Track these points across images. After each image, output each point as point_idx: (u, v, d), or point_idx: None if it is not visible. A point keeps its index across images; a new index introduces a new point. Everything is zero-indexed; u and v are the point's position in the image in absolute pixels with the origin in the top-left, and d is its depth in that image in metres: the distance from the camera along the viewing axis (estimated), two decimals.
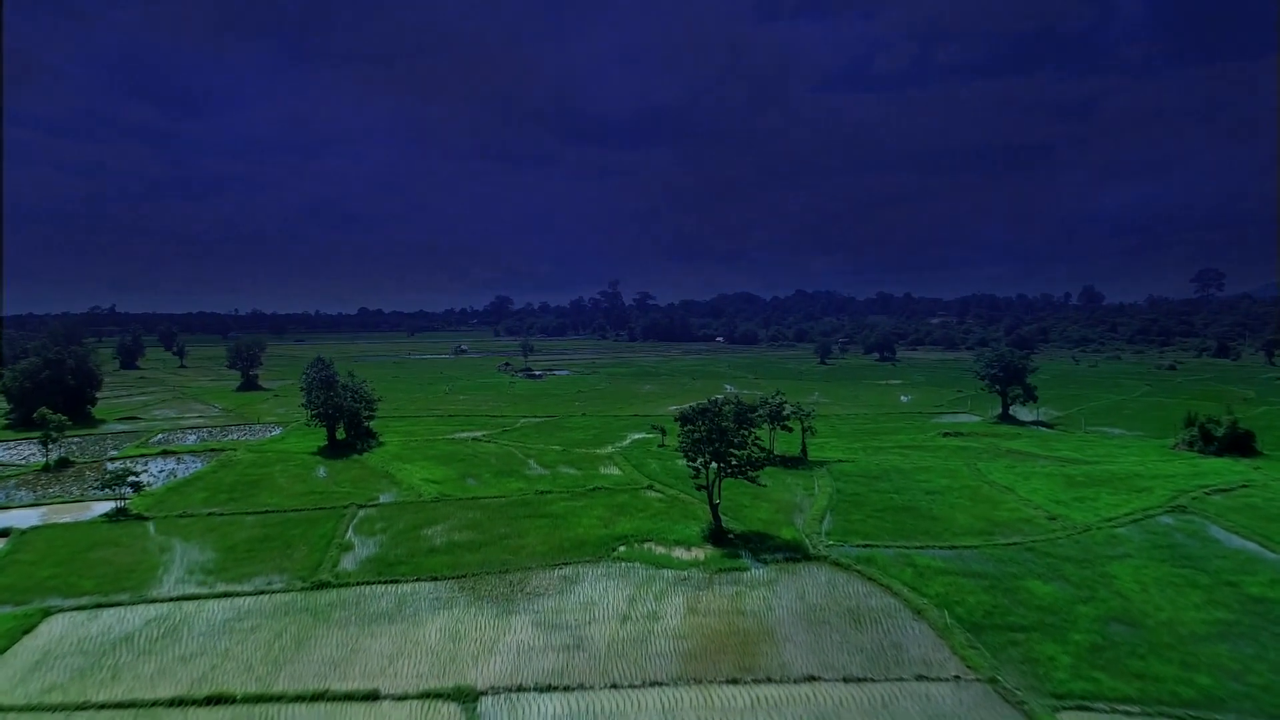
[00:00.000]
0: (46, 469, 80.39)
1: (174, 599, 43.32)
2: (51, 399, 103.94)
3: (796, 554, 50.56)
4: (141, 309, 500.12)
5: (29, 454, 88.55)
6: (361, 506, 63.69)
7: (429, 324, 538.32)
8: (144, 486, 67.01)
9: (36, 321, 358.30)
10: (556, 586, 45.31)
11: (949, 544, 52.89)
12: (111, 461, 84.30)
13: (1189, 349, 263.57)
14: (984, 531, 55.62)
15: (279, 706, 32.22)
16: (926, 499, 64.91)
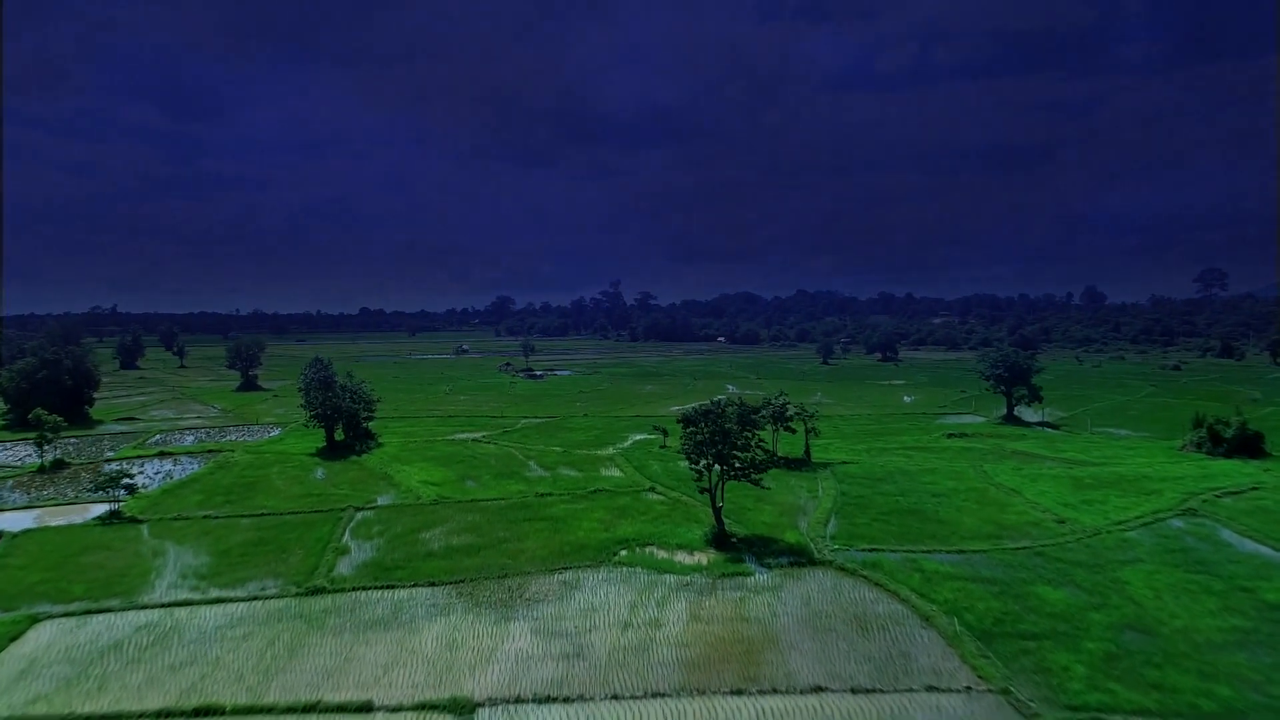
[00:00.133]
0: (42, 470, 79.55)
1: (165, 605, 42.42)
2: (48, 399, 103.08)
3: (801, 558, 49.58)
4: (143, 309, 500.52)
5: (25, 455, 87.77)
6: (359, 509, 62.78)
7: (430, 324, 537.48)
8: (138, 489, 66.14)
9: (37, 321, 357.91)
10: (556, 592, 44.34)
11: (956, 548, 51.91)
12: (108, 463, 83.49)
13: (1193, 349, 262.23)
14: (991, 535, 54.62)
15: (269, 719, 31.28)
16: (932, 502, 63.92)
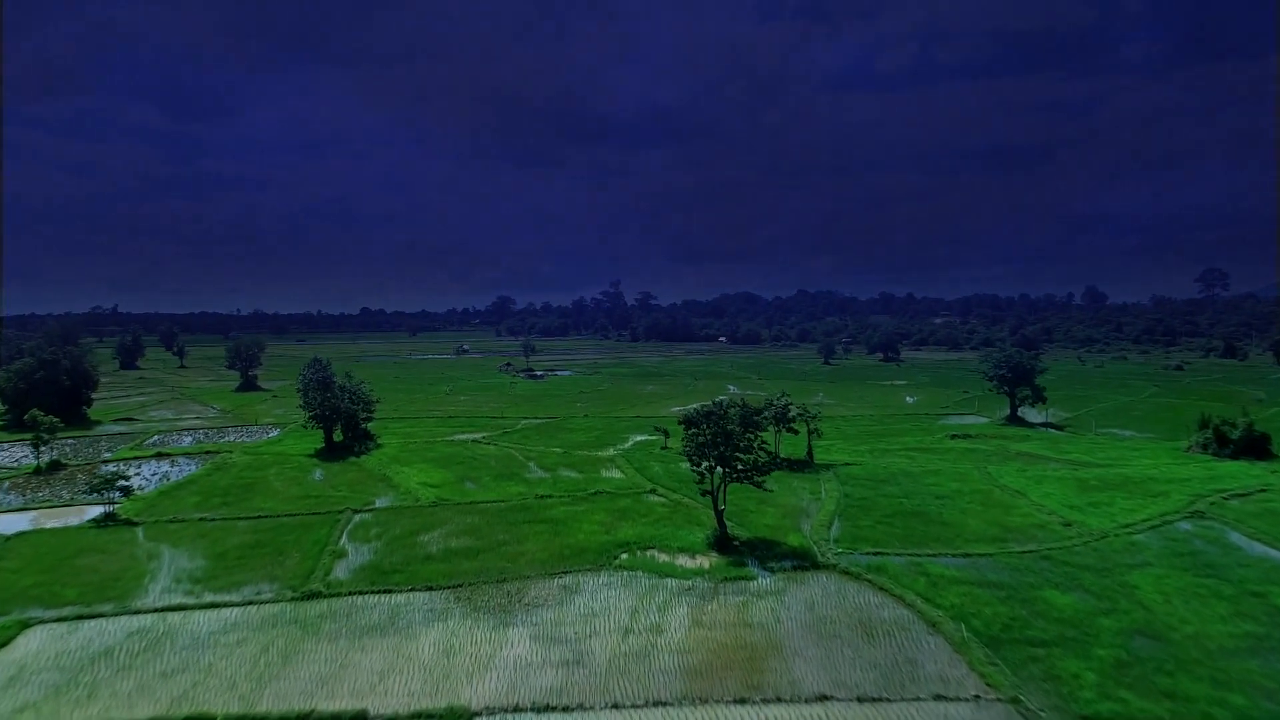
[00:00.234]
0: (38, 472, 78.94)
1: (158, 610, 41.71)
2: (46, 400, 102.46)
3: (804, 562, 48.85)
4: (144, 309, 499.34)
5: (21, 456, 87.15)
6: (357, 511, 62.09)
7: (431, 324, 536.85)
8: (134, 490, 65.47)
9: (38, 321, 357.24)
10: (556, 597, 43.62)
11: (962, 551, 51.19)
12: (105, 464, 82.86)
13: (1195, 349, 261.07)
14: (997, 538, 53.88)
15: None
16: (936, 504, 63.20)
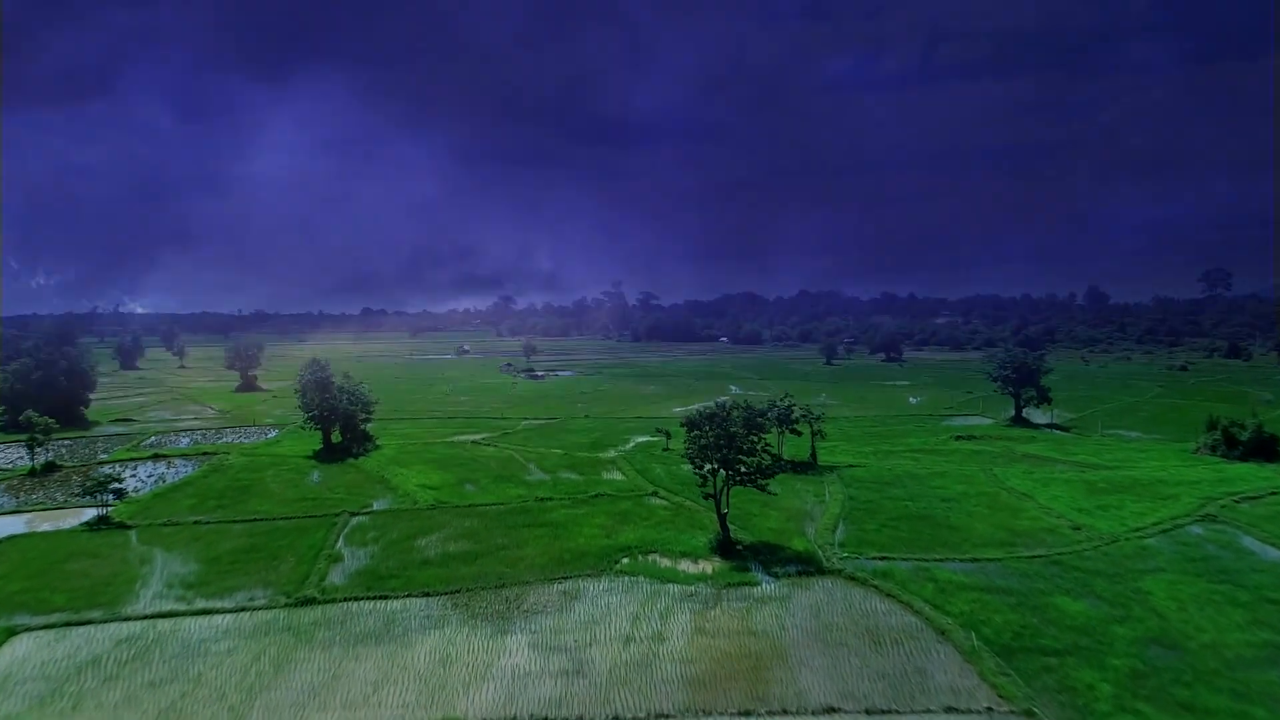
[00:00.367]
0: (33, 473, 78.11)
1: (148, 616, 40.83)
2: (43, 401, 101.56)
3: (809, 567, 47.93)
4: (145, 309, 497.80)
5: (16, 458, 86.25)
6: (354, 514, 61.22)
7: (432, 324, 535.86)
8: (127, 493, 64.55)
9: (40, 322, 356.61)
10: (556, 603, 42.71)
11: (969, 556, 50.24)
12: (101, 465, 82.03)
13: (1199, 349, 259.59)
14: (1005, 542, 52.91)
15: None
16: (942, 506, 62.26)
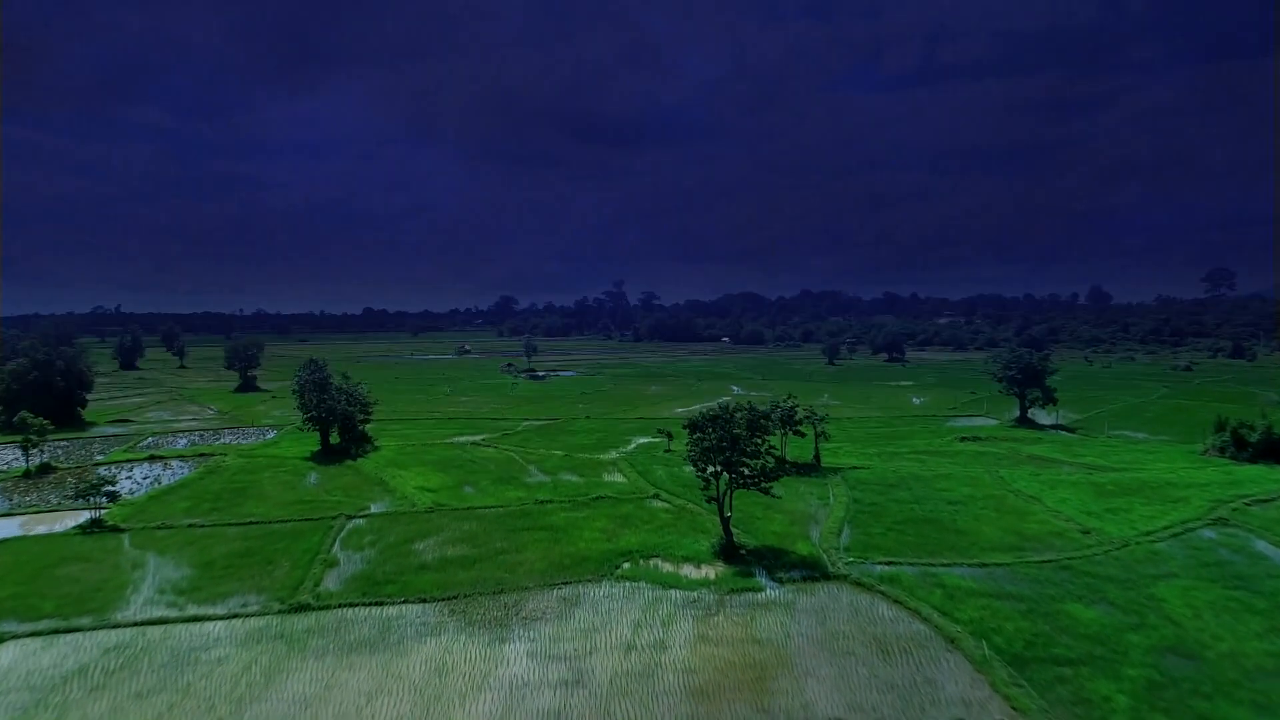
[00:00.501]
0: (27, 475, 77.24)
1: (138, 623, 39.86)
2: (40, 401, 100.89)
3: (814, 572, 46.91)
4: (148, 309, 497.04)
5: (11, 459, 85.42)
6: (351, 517, 60.26)
7: (433, 324, 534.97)
8: (120, 496, 63.55)
9: (42, 322, 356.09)
10: (555, 610, 41.72)
11: (977, 560, 49.19)
12: (97, 467, 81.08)
13: (1203, 349, 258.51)
14: (1014, 547, 51.87)
15: None
16: (949, 509, 61.22)
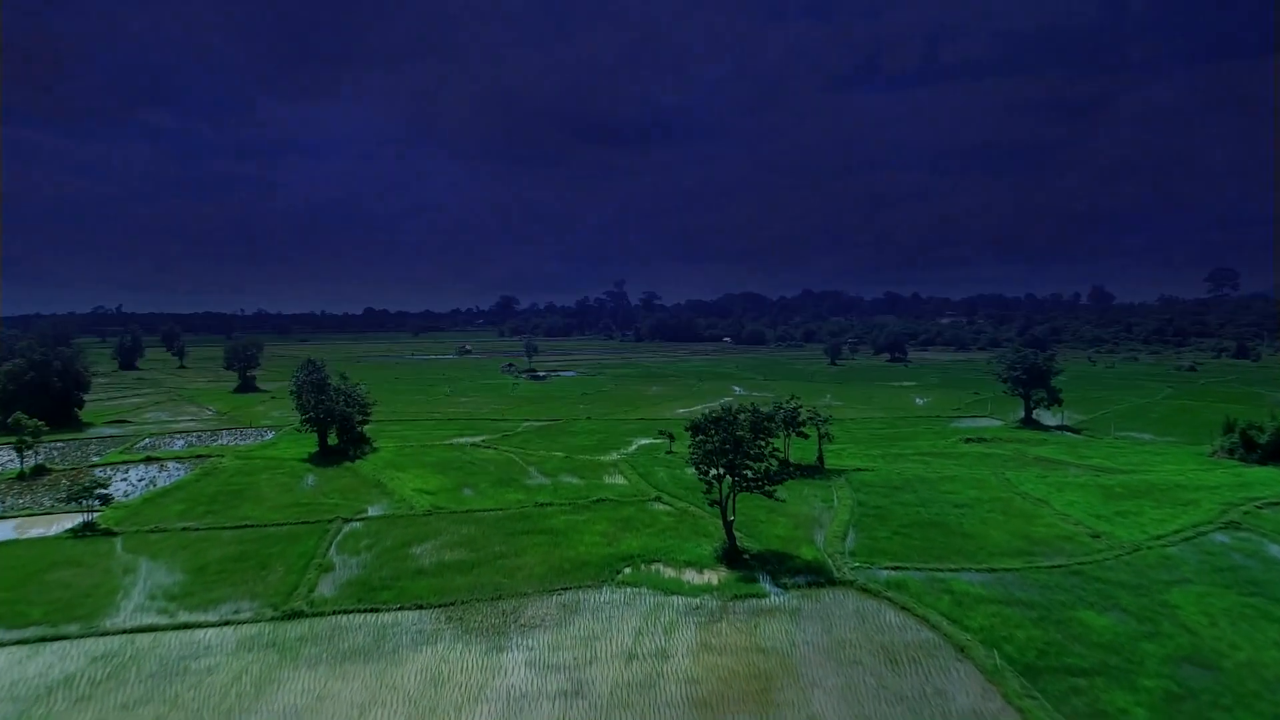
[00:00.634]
0: (21, 477, 76.31)
1: (127, 631, 38.90)
2: (36, 402, 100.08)
3: (819, 577, 45.90)
4: (149, 309, 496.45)
5: (6, 461, 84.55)
6: (348, 520, 59.32)
7: (434, 324, 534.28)
8: (113, 499, 62.62)
9: (42, 322, 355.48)
10: (554, 617, 40.75)
11: (985, 566, 48.18)
12: (93, 468, 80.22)
13: (1206, 350, 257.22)
14: (1023, 551, 50.85)
15: None
16: (955, 513, 60.19)
